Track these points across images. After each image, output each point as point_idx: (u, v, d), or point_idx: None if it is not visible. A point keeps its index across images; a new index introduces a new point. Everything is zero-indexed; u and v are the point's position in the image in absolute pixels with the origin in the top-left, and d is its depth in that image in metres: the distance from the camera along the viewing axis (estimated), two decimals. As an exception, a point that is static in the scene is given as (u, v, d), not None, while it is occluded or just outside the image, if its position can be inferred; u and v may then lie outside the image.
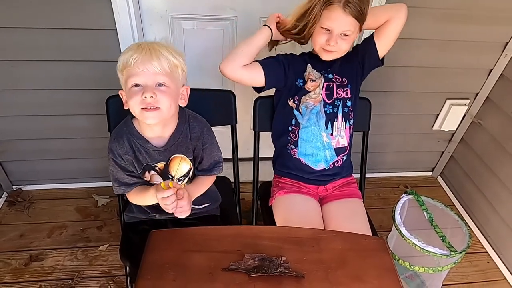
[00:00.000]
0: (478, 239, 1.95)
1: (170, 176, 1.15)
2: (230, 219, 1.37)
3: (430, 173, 2.36)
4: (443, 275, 1.54)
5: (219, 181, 1.30)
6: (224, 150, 1.24)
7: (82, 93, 1.66)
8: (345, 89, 1.30)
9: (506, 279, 1.76)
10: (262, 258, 0.92)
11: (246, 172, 1.57)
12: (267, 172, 1.48)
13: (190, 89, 1.11)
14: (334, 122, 1.30)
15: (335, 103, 1.29)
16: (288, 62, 1.28)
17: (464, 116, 2.03)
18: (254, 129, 1.42)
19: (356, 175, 1.46)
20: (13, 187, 1.97)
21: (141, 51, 0.95)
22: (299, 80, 1.29)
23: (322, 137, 1.30)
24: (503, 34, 1.74)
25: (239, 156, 1.47)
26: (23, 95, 1.63)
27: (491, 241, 1.90)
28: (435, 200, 1.59)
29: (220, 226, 1.18)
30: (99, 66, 1.58)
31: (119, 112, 1.13)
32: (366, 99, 1.45)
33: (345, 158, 1.36)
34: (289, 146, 1.34)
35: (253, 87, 1.30)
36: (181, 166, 1.15)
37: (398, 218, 1.48)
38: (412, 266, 1.45)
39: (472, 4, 1.62)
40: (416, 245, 1.38)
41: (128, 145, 1.08)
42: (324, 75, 1.29)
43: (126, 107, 1.02)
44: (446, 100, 1.96)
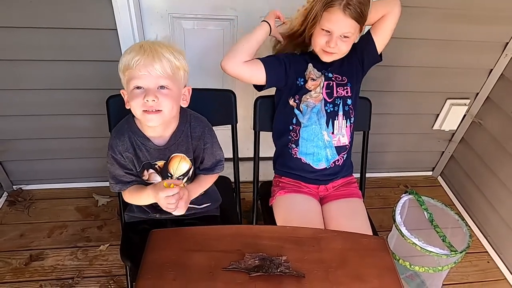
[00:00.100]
0: (478, 239, 1.95)
1: (170, 175, 1.15)
2: (231, 219, 1.37)
3: (430, 173, 2.36)
4: (443, 275, 1.54)
5: (220, 181, 1.29)
6: (224, 150, 1.24)
7: (83, 93, 1.66)
8: (345, 88, 1.30)
9: (506, 279, 1.76)
10: (263, 258, 0.92)
11: (247, 172, 1.58)
12: (268, 172, 1.48)
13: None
14: (335, 121, 1.30)
15: (336, 102, 1.29)
16: (289, 61, 1.28)
17: (464, 116, 2.03)
18: (255, 129, 1.42)
19: (357, 175, 1.46)
20: (14, 187, 1.97)
21: (143, 53, 0.95)
22: (300, 79, 1.29)
23: (323, 136, 1.30)
24: (503, 34, 1.74)
25: (240, 156, 1.47)
26: (24, 95, 1.63)
27: (491, 241, 1.90)
28: (435, 200, 1.59)
29: (221, 226, 1.18)
30: (100, 66, 1.58)
31: (120, 112, 1.13)
32: (367, 99, 1.46)
33: (346, 157, 1.36)
34: (290, 146, 1.34)
35: (254, 86, 1.30)
36: (181, 165, 1.15)
37: (399, 218, 1.48)
38: (412, 266, 1.45)
39: (472, 4, 1.62)
40: (417, 245, 1.38)
41: (129, 142, 1.08)
42: (325, 74, 1.29)
43: (128, 107, 1.02)
44: (447, 100, 1.96)
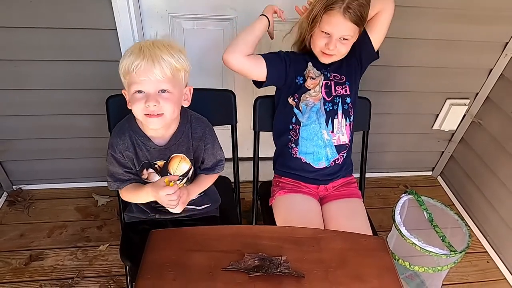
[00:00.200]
0: (478, 239, 1.95)
1: (169, 174, 1.15)
2: (230, 219, 1.37)
3: (430, 173, 2.36)
4: (443, 275, 1.54)
5: (219, 181, 1.29)
6: (224, 150, 1.24)
7: (83, 93, 1.66)
8: (344, 86, 1.30)
9: (506, 279, 1.76)
10: (262, 258, 0.92)
11: (246, 172, 1.57)
12: (267, 172, 1.48)
13: (191, 89, 1.11)
14: (335, 120, 1.30)
15: (335, 101, 1.29)
16: (290, 59, 1.28)
17: (464, 116, 2.03)
18: (254, 129, 1.42)
19: (356, 175, 1.46)
20: (13, 187, 1.97)
21: (143, 58, 0.94)
22: (299, 78, 1.29)
23: (323, 135, 1.30)
24: (503, 34, 1.74)
25: (239, 156, 1.47)
26: (24, 95, 1.63)
27: (491, 241, 1.90)
28: (435, 200, 1.59)
29: (220, 226, 1.18)
30: (100, 66, 1.58)
31: (119, 112, 1.13)
32: (366, 99, 1.45)
33: (346, 156, 1.36)
34: (290, 145, 1.34)
35: (253, 82, 1.30)
36: (181, 166, 1.15)
37: (398, 218, 1.48)
38: (412, 266, 1.45)
39: (472, 4, 1.62)
40: (416, 245, 1.38)
41: (130, 141, 1.08)
42: (324, 74, 1.29)
43: (130, 107, 1.02)
44: (446, 100, 1.96)
